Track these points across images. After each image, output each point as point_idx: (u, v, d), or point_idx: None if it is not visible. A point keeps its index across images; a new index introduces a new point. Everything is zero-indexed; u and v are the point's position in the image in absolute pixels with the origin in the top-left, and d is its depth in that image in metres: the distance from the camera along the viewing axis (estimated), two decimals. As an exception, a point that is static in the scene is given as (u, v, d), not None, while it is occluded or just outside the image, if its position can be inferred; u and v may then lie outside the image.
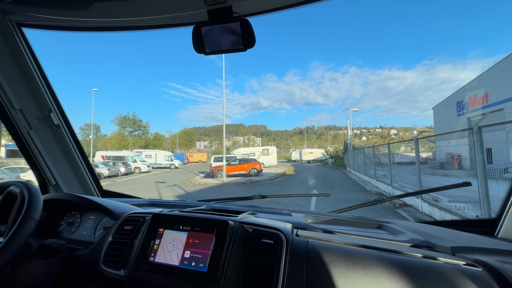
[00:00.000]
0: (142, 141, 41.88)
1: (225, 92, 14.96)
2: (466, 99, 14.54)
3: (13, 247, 0.73)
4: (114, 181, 15.13)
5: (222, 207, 1.19)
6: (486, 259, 0.69)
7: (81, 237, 1.08)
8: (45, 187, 1.43)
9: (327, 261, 0.72)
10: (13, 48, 1.11)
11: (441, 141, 7.23)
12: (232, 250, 0.79)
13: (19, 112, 1.22)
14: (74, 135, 1.43)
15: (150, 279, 0.80)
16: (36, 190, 0.86)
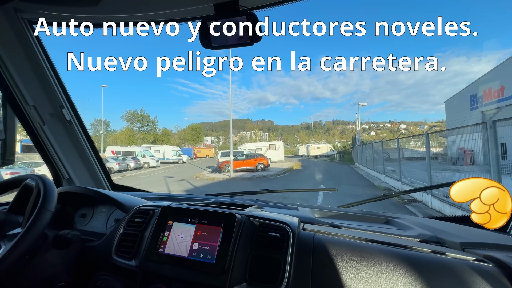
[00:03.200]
0: (150, 137, 42.50)
1: (232, 87, 14.95)
2: (480, 92, 14.04)
3: (31, 237, 0.77)
4: (124, 175, 15.48)
5: (230, 201, 1.21)
6: (497, 255, 0.68)
7: (93, 228, 1.12)
8: (59, 180, 1.48)
9: (334, 254, 0.72)
10: (25, 45, 1.14)
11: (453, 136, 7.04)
12: (239, 243, 0.80)
13: (32, 108, 1.26)
14: (86, 130, 1.47)
15: (160, 270, 0.82)
16: (51, 183, 0.89)
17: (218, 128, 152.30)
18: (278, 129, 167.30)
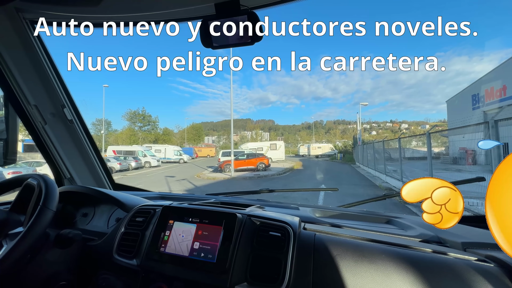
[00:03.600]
0: (151, 136, 42.59)
1: (233, 87, 14.95)
2: (482, 92, 13.98)
3: (32, 236, 0.77)
4: (125, 175, 15.52)
5: (230, 201, 1.21)
6: (499, 255, 0.67)
7: (95, 228, 1.12)
8: (60, 180, 1.49)
9: (335, 254, 0.72)
10: (27, 45, 1.14)
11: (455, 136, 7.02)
12: (240, 242, 0.80)
13: (34, 107, 1.27)
14: (87, 130, 1.47)
15: (161, 269, 0.83)
16: (53, 183, 0.90)
17: (219, 128, 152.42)
18: (279, 128, 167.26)
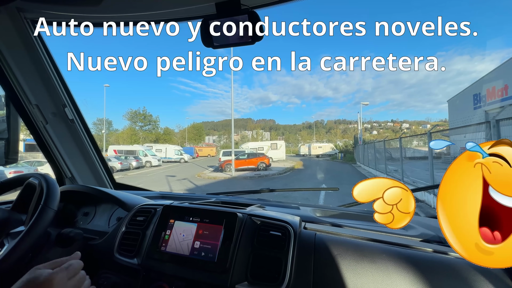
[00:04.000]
0: (152, 136, 42.65)
1: (234, 86, 14.95)
2: (484, 92, 13.92)
3: (34, 235, 0.77)
4: (126, 174, 15.55)
5: (231, 200, 1.21)
6: (500, 255, 0.67)
7: (96, 227, 1.13)
8: (62, 179, 1.49)
9: (335, 253, 0.72)
10: (28, 45, 1.14)
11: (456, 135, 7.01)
12: (241, 242, 0.80)
13: (35, 107, 1.27)
14: (88, 129, 1.47)
15: (162, 268, 0.83)
16: (54, 182, 0.90)
17: (219, 127, 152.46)
18: (279, 128, 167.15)
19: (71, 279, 0.58)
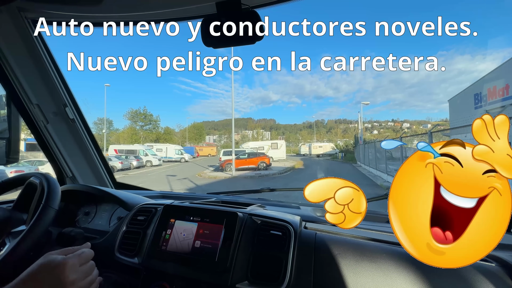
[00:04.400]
0: (153, 135, 42.68)
1: (235, 86, 14.96)
2: (485, 91, 13.87)
3: (35, 234, 0.77)
4: (126, 174, 15.57)
5: (231, 200, 1.21)
6: (500, 254, 0.67)
7: (97, 226, 1.13)
8: (62, 179, 1.50)
9: (335, 253, 0.72)
10: (29, 44, 1.14)
11: (457, 135, 6.99)
12: (241, 241, 0.80)
13: (36, 106, 1.27)
14: (89, 129, 1.48)
15: (163, 267, 0.83)
16: (55, 181, 0.90)
17: (220, 127, 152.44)
18: (280, 128, 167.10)
19: (83, 265, 0.61)
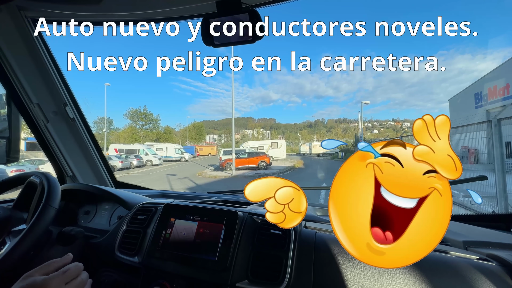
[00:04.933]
0: (153, 135, 42.66)
1: (235, 85, 14.97)
2: (485, 90, 13.86)
3: (35, 233, 0.77)
4: (127, 173, 15.57)
5: (232, 199, 1.21)
6: (500, 254, 0.67)
7: (97, 225, 1.13)
8: (63, 178, 1.50)
9: (335, 252, 0.72)
10: (29, 44, 1.14)
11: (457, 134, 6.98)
12: (241, 240, 0.80)
13: (36, 106, 1.27)
14: (89, 128, 1.48)
15: (163, 266, 0.83)
16: (55, 180, 0.90)
17: (220, 126, 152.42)
18: (280, 127, 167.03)
19: (69, 283, 0.55)
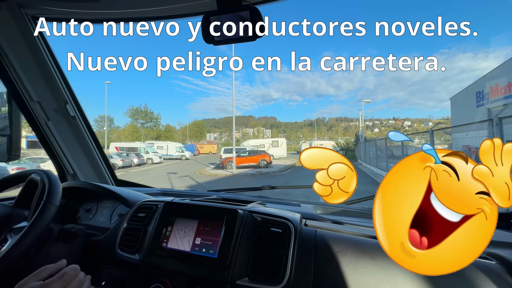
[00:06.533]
0: (153, 133, 42.70)
1: (235, 84, 14.95)
2: (487, 89, 13.78)
3: (37, 230, 0.78)
4: (127, 171, 15.61)
5: (232, 197, 1.21)
6: (500, 252, 0.67)
7: (98, 223, 1.14)
8: (64, 176, 1.50)
9: (335, 250, 0.73)
10: (29, 41, 1.14)
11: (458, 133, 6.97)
12: (241, 238, 0.81)
13: (37, 104, 1.27)
14: (89, 126, 1.48)
15: (163, 264, 0.84)
16: (56, 178, 0.91)
17: (221, 125, 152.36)
18: (281, 125, 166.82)
19: (67, 287, 0.55)
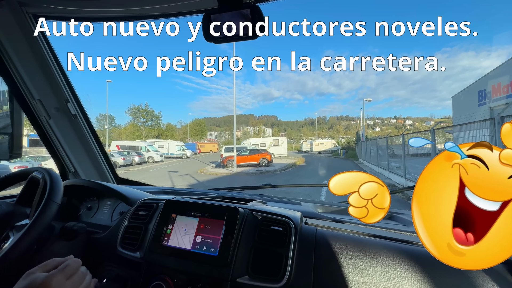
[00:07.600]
0: (154, 131, 42.80)
1: (236, 82, 14.93)
2: (489, 88, 13.71)
3: (38, 228, 0.78)
4: (128, 170, 15.66)
5: (233, 196, 1.21)
6: (501, 252, 0.67)
7: (99, 221, 1.14)
8: (65, 174, 1.51)
9: (336, 249, 0.73)
10: (30, 40, 1.14)
11: (460, 132, 6.94)
12: (242, 236, 0.81)
13: (38, 102, 1.27)
14: (91, 124, 1.48)
15: (164, 262, 0.84)
16: (57, 176, 0.91)
17: (221, 123, 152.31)
18: (282, 124, 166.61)
19: (69, 279, 0.56)
